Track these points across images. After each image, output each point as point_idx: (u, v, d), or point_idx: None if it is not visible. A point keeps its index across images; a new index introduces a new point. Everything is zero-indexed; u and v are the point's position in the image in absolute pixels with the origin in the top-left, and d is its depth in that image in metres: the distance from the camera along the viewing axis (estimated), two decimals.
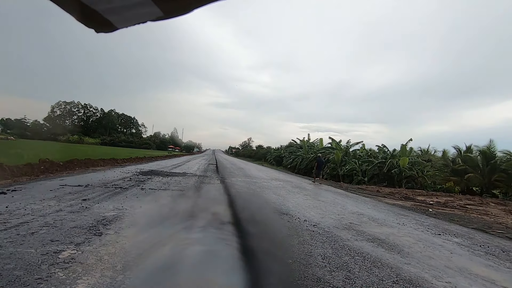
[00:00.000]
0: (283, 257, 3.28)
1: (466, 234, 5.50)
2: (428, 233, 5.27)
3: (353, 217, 6.12)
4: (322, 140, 31.32)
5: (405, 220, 6.34)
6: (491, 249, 4.51)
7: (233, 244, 3.58)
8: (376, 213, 6.93)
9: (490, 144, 21.67)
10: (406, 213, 7.48)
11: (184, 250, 3.23)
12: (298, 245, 3.76)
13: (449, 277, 3.08)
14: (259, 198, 7.77)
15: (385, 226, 5.52)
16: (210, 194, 7.47)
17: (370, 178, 21.20)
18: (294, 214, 5.82)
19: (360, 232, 4.78)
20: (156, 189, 7.68)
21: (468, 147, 23.44)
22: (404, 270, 3.17)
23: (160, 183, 8.99)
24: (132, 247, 3.21)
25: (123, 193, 6.61)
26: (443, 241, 4.73)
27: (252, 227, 4.59)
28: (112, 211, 4.85)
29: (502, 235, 5.87)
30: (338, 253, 3.58)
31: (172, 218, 4.67)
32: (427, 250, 4.06)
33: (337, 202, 8.41)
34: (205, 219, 4.72)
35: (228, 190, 8.61)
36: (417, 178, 20.22)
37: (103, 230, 3.76)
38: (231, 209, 5.84)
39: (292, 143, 39.34)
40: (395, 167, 20.29)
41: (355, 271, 3.02)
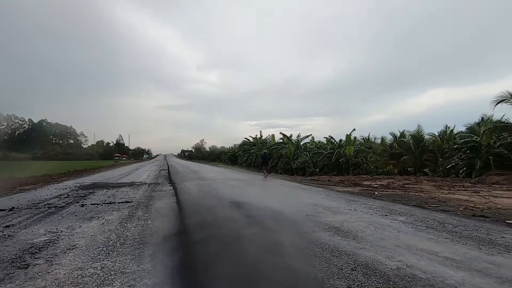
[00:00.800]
0: (241, 260, 3.13)
1: (408, 212, 6.00)
2: (377, 215, 5.62)
3: (308, 209, 6.25)
4: (274, 136, 32.04)
5: (355, 206, 6.69)
6: (430, 223, 4.97)
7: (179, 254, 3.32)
8: (329, 202, 7.21)
9: (419, 129, 24.41)
10: (356, 199, 7.93)
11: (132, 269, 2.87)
12: (256, 242, 3.65)
13: (399, 255, 3.25)
14: (214, 198, 7.52)
15: (339, 213, 5.74)
16: (161, 203, 6.98)
17: (321, 169, 22.29)
18: (251, 212, 5.71)
19: (316, 223, 4.87)
20: (99, 203, 6.92)
21: (401, 132, 26.11)
22: (360, 255, 3.26)
23: (104, 196, 8.15)
24: (68, 277, 2.74)
25: (58, 213, 5.80)
26: (390, 221, 5.07)
27: (204, 231, 4.35)
28: (44, 235, 4.18)
29: (437, 208, 6.55)
30: (298, 246, 3.56)
31: (117, 236, 4.19)
32: (378, 232, 4.29)
33: (293, 195, 8.57)
34: (155, 234, 4.34)
35: (181, 195, 8.17)
36: (362, 164, 21.84)
37: (31, 260, 3.18)
38: (183, 213, 5.50)
39: (245, 141, 39.51)
40: (342, 156, 21.63)
41: (315, 264, 3.00)
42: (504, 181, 13.59)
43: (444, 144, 21.28)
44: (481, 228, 4.62)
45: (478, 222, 5.11)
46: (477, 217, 5.65)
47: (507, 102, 14.85)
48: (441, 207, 6.68)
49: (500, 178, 14.02)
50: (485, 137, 16.40)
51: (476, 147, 16.70)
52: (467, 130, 19.76)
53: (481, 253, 3.36)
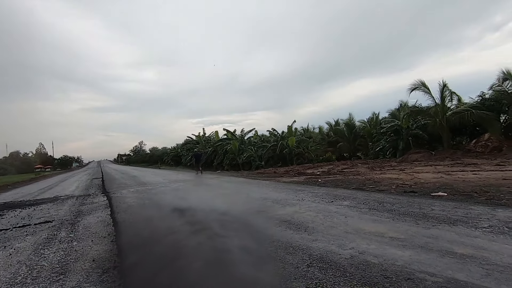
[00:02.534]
0: (183, 281, 2.74)
1: (351, 196, 6.28)
2: (323, 202, 5.73)
3: (258, 204, 6.09)
4: (218, 132, 31.45)
5: (303, 195, 6.77)
6: (371, 204, 5.23)
7: None
8: (277, 195, 7.17)
9: (350, 117, 26.58)
10: (302, 188, 8.09)
11: None
12: (207, 251, 3.29)
13: (351, 242, 3.25)
14: (156, 207, 6.85)
15: (288, 205, 5.69)
16: (91, 219, 6.03)
17: (267, 161, 22.66)
18: (196, 218, 5.28)
19: (267, 219, 4.70)
20: (7, 228, 5.66)
21: (336, 121, 28.13)
22: (314, 248, 3.16)
23: (16, 218, 6.75)
24: None
25: None
26: (336, 207, 5.19)
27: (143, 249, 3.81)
28: None
29: (374, 189, 7.03)
30: (249, 248, 3.30)
31: (28, 268, 3.36)
32: (327, 220, 4.30)
33: (241, 190, 8.35)
34: (81, 259, 3.63)
35: (117, 206, 7.25)
36: (304, 154, 22.85)
37: None
38: (121, 226, 4.80)
39: (188, 140, 38.02)
40: (286, 147, 22.29)
41: (269, 267, 2.78)
42: (421, 158, 15.61)
43: (373, 130, 23.57)
44: (413, 204, 5.02)
45: (410, 198, 5.58)
46: (408, 193, 6.19)
47: (419, 89, 17.01)
48: (377, 188, 7.19)
49: (418, 156, 16.07)
50: (404, 121, 18.59)
51: (398, 130, 18.82)
52: (390, 115, 22.19)
53: (419, 228, 3.57)
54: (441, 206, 4.72)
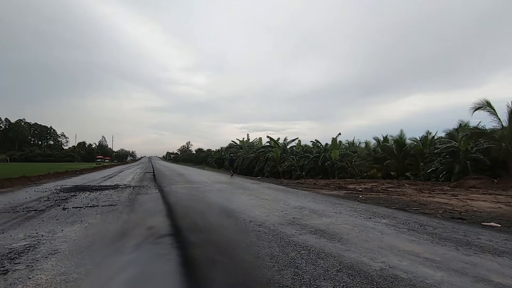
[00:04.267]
0: (230, 263, 3.15)
1: (391, 215, 6.19)
2: (361, 218, 5.76)
3: (295, 212, 6.33)
4: (261, 139, 32.15)
5: (341, 209, 6.83)
6: (411, 225, 5.15)
7: (173, 259, 3.30)
8: (315, 205, 7.32)
9: (401, 134, 25.13)
10: (341, 202, 8.09)
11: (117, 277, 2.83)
12: (246, 248, 3.68)
13: (383, 257, 3.36)
14: (202, 203, 7.48)
15: (325, 216, 5.85)
16: (147, 206, 6.88)
17: (307, 172, 22.54)
18: (239, 216, 5.74)
19: (303, 226, 4.94)
20: (81, 207, 6.74)
21: (384, 137, 26.80)
22: (345, 257, 3.35)
23: (87, 199, 7.94)
24: (51, 282, 2.67)
25: (38, 217, 5.61)
26: (374, 223, 5.22)
27: (195, 235, 4.34)
28: (23, 240, 4.04)
29: (418, 211, 6.79)
30: (285, 250, 3.61)
31: (101, 239, 4.10)
32: (362, 234, 4.40)
33: (280, 198, 8.64)
34: (140, 236, 4.29)
35: (167, 199, 8.08)
36: (347, 168, 22.25)
37: (10, 266, 3.07)
38: (170, 220, 5.45)
39: (232, 144, 39.41)
40: (328, 159, 21.97)
41: (302, 266, 3.06)
42: (480, 185, 14.20)
43: (425, 149, 22.01)
44: (459, 230, 4.82)
45: (456, 224, 5.34)
46: (456, 219, 5.90)
47: (483, 109, 15.59)
48: (422, 210, 6.92)
49: (477, 182, 14.64)
50: (463, 143, 17.11)
51: (455, 152, 17.37)
52: (446, 135, 20.55)
53: (458, 254, 3.52)
54: (490, 236, 4.49)
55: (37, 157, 70.13)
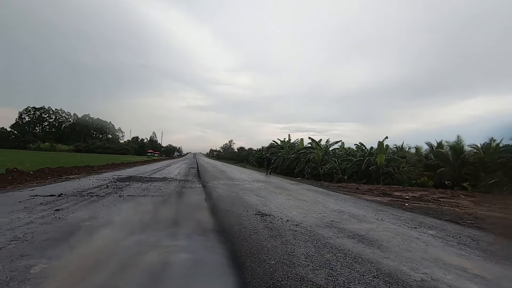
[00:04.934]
0: (266, 259, 3.28)
1: (440, 226, 5.77)
2: (405, 226, 5.48)
3: (334, 215, 6.24)
4: (303, 140, 31.78)
5: (383, 216, 6.55)
6: (462, 239, 4.76)
7: (217, 250, 3.54)
8: (356, 210, 7.11)
9: (458, 140, 22.88)
10: (384, 209, 7.73)
11: (169, 257, 3.15)
12: (281, 246, 3.79)
13: (425, 268, 3.21)
14: (241, 200, 7.74)
15: (365, 222, 5.68)
16: (192, 198, 7.35)
17: (350, 176, 21.74)
18: (276, 215, 5.86)
19: (341, 229, 4.88)
20: (135, 195, 7.45)
21: (439, 143, 24.65)
22: (383, 264, 3.26)
23: (139, 189, 8.73)
24: (111, 255, 3.08)
25: (100, 201, 6.36)
26: (419, 234, 4.93)
27: (234, 230, 4.56)
28: (88, 220, 4.64)
29: (472, 225, 6.21)
30: (320, 251, 3.64)
31: (152, 225, 4.54)
32: (405, 244, 4.21)
33: (318, 200, 8.55)
34: (187, 225, 4.64)
35: (210, 194, 8.51)
36: (394, 174, 20.98)
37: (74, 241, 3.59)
38: (213, 212, 5.78)
39: (273, 144, 39.61)
40: (373, 164, 20.94)
41: (337, 268, 3.07)
42: None
43: (487, 158, 19.78)
44: None
45: None
46: None
47: None
48: (478, 224, 6.32)
49: None
50: None
51: None
52: None
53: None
54: None
55: (97, 149, 78.11)
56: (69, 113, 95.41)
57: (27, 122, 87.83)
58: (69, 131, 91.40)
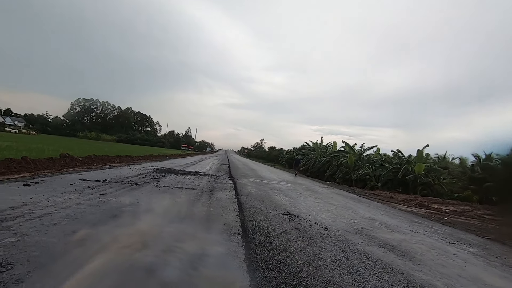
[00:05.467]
0: (293, 259, 3.32)
1: (482, 245, 5.36)
2: (442, 241, 5.18)
3: (364, 222, 6.08)
4: (336, 143, 31.00)
5: (418, 228, 6.23)
6: (508, 261, 4.39)
7: (240, 257, 3.66)
8: (388, 219, 6.85)
9: (511, 153, 20.78)
10: (420, 221, 7.34)
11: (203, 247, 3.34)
12: (309, 247, 3.80)
13: (461, 286, 3.04)
14: (270, 199, 7.83)
15: (398, 232, 5.46)
16: (221, 195, 7.58)
17: (384, 184, 20.81)
18: (305, 217, 5.85)
19: (371, 237, 4.75)
20: (170, 186, 7.87)
21: (488, 155, 22.60)
22: (415, 277, 3.15)
23: (174, 181, 9.19)
24: (149, 237, 3.33)
25: (139, 189, 6.82)
26: (457, 250, 4.64)
27: (262, 228, 4.65)
28: (129, 206, 5.02)
29: None
30: (349, 256, 3.59)
31: (185, 217, 4.79)
32: (440, 259, 4.00)
33: (349, 206, 8.34)
34: (217, 220, 4.83)
35: (239, 191, 8.70)
36: (433, 185, 19.68)
37: (119, 222, 3.92)
38: (242, 209, 5.93)
39: (304, 146, 39.15)
40: (410, 173, 19.83)
41: (365, 275, 3.03)
42: None
43: None
44: None
45: None
46: None
47: None
48: None
49: None
50: None
51: None
52: None
53: None
54: None
55: (137, 140, 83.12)
56: (114, 106, 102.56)
57: (78, 112, 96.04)
58: (113, 122, 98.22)
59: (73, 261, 2.60)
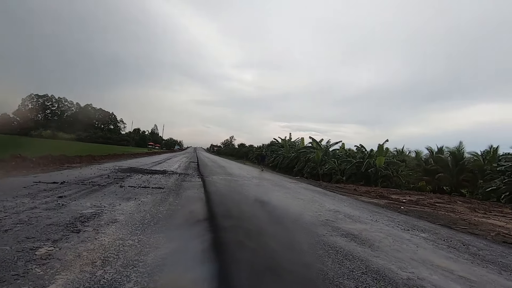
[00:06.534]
0: (261, 250, 3.41)
1: (433, 230, 5.89)
2: (398, 228, 5.60)
3: (329, 214, 6.37)
4: (304, 139, 31.87)
5: (378, 217, 6.67)
6: (453, 243, 4.88)
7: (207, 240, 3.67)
8: (351, 211, 7.24)
9: (459, 146, 22.92)
10: (380, 211, 7.85)
11: (161, 248, 3.28)
12: (275, 239, 3.91)
13: (413, 268, 3.33)
14: (238, 196, 7.88)
15: (359, 222, 5.80)
16: (189, 193, 7.47)
17: (348, 177, 21.88)
18: (274, 212, 5.98)
19: (335, 228, 5.00)
20: (135, 186, 7.58)
21: (439, 148, 24.68)
22: (373, 262, 3.39)
23: (139, 180, 8.87)
24: (112, 245, 3.21)
25: (101, 191, 6.49)
26: (411, 236, 5.06)
27: (227, 222, 4.68)
28: (90, 208, 4.77)
29: (465, 230, 6.33)
30: (314, 247, 3.76)
31: (151, 216, 4.67)
32: (396, 244, 4.34)
33: (315, 200, 8.67)
34: (182, 218, 4.77)
35: (208, 188, 8.64)
36: (392, 177, 21.08)
37: (81, 227, 3.72)
38: (208, 207, 5.91)
39: (273, 142, 39.73)
40: (372, 166, 21.05)
41: (328, 263, 3.20)
42: None
43: (486, 165, 19.87)
44: (509, 255, 4.46)
45: (507, 249, 4.92)
46: (509, 244, 5.41)
47: None
48: (470, 230, 6.43)
49: None
50: None
51: None
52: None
53: (500, 278, 3.32)
54: None
55: (99, 139, 78.34)
56: (72, 102, 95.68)
57: (30, 109, 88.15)
58: (71, 120, 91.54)
59: (27, 270, 2.44)
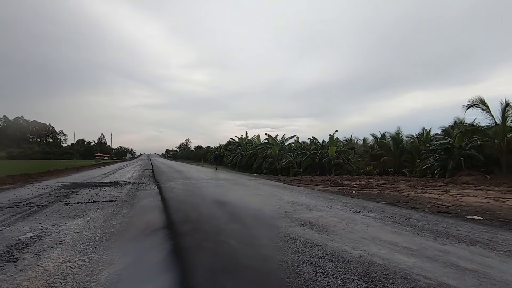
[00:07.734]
0: (221, 250, 3.40)
1: (380, 209, 6.45)
2: (351, 212, 6.03)
3: (288, 206, 6.59)
4: (259, 136, 32.42)
5: (332, 204, 7.09)
6: (397, 218, 5.41)
7: (166, 248, 3.55)
8: (308, 200, 7.58)
9: (398, 131, 25.37)
10: (334, 197, 8.36)
11: (114, 264, 3.09)
12: (236, 237, 3.93)
13: (364, 246, 3.62)
14: (198, 198, 7.74)
15: (316, 210, 6.11)
16: (145, 202, 7.13)
17: (305, 169, 22.83)
18: (234, 210, 6.00)
19: (294, 219, 5.20)
20: (82, 202, 6.99)
21: (382, 134, 27.06)
22: (329, 246, 3.61)
23: (87, 195, 8.18)
24: (58, 269, 2.92)
25: (42, 211, 5.85)
26: (361, 217, 5.48)
27: (187, 227, 4.59)
28: (29, 232, 4.28)
29: (407, 206, 7.06)
30: (274, 240, 3.87)
31: (102, 232, 4.35)
32: (349, 227, 4.67)
33: (275, 194, 8.90)
34: (138, 229, 4.54)
35: (165, 195, 8.32)
36: (344, 165, 22.54)
37: (19, 255, 3.32)
38: (166, 214, 5.70)
39: (230, 141, 39.71)
40: (325, 156, 22.24)
41: (288, 254, 3.32)
42: (473, 181, 14.49)
43: (421, 146, 22.32)
44: (441, 223, 5.09)
45: (440, 218, 5.60)
46: (442, 213, 6.17)
47: (477, 107, 15.83)
48: (411, 205, 7.19)
49: (470, 178, 14.94)
50: (457, 140, 17.38)
51: (449, 149, 17.65)
52: (442, 132, 20.85)
53: (435, 243, 3.78)
54: (469, 228, 4.75)
55: (36, 154, 70.09)
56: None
57: None
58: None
59: None
